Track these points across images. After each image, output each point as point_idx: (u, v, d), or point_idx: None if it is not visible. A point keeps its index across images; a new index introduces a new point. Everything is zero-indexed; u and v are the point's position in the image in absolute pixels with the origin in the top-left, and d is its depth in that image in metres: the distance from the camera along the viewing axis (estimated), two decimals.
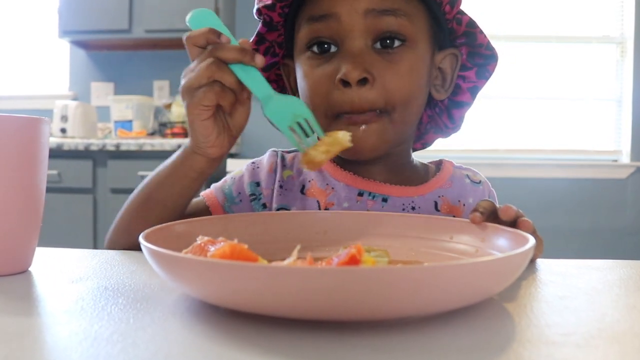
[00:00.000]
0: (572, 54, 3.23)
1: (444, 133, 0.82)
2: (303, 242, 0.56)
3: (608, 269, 0.58)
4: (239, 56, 0.59)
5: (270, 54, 0.77)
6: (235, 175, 0.80)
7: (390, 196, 0.73)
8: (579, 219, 3.12)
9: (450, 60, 0.74)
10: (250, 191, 0.77)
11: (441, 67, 0.74)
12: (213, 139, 0.64)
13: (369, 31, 0.66)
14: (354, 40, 0.66)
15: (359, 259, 0.40)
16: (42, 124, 0.54)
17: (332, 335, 0.35)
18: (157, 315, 0.40)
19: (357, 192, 0.74)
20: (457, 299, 0.37)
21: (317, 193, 0.75)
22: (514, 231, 0.50)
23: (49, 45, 3.44)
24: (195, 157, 0.66)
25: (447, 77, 0.75)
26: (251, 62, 0.59)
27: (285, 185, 0.76)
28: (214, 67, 0.59)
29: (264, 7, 0.71)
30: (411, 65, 0.68)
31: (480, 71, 0.76)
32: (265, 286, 0.34)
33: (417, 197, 0.74)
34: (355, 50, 0.66)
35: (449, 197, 0.75)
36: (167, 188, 0.68)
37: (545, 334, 0.36)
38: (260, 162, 0.80)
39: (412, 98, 0.69)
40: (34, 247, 0.56)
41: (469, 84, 0.76)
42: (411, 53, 0.68)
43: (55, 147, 2.58)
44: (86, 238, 2.62)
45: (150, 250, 0.40)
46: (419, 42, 0.69)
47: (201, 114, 0.62)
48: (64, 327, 0.37)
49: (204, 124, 0.62)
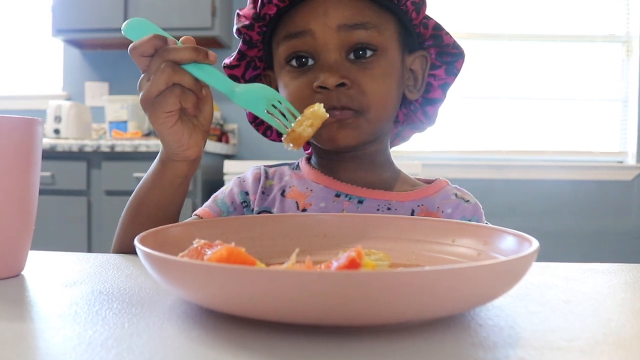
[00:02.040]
0: (576, 53, 3.24)
1: (420, 128, 0.88)
2: (302, 245, 0.56)
3: (613, 272, 0.58)
4: (193, 55, 0.60)
5: (251, 67, 0.83)
6: (224, 190, 0.85)
7: (366, 198, 0.77)
8: (583, 221, 3.12)
9: (420, 62, 0.80)
10: (241, 199, 0.82)
11: (412, 68, 0.80)
12: (186, 141, 0.66)
13: (342, 44, 0.72)
14: (329, 53, 0.72)
15: (359, 263, 0.40)
16: (35, 125, 0.54)
17: (331, 341, 0.35)
18: (153, 320, 0.40)
19: (335, 194, 0.78)
20: (459, 304, 0.37)
21: (296, 195, 0.80)
22: (517, 233, 0.50)
23: (42, 44, 3.44)
24: (175, 164, 0.68)
25: (418, 77, 0.81)
26: (205, 59, 0.61)
27: (266, 191, 0.82)
28: (170, 71, 0.60)
29: (243, 27, 0.77)
30: (384, 71, 0.73)
31: (449, 68, 0.81)
32: (263, 290, 0.34)
33: (395, 202, 0.77)
34: (331, 62, 0.72)
35: (428, 205, 0.78)
36: (155, 201, 0.71)
37: (549, 339, 0.36)
38: (245, 176, 0.85)
39: (386, 99, 0.75)
40: (26, 251, 0.56)
41: (439, 81, 0.82)
42: (383, 60, 0.73)
43: (48, 149, 2.58)
44: (80, 241, 2.61)
45: (145, 254, 0.40)
46: (390, 49, 0.74)
47: (167, 121, 0.63)
48: (57, 332, 0.37)
49: (173, 130, 0.64)
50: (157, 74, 0.60)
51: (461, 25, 3.20)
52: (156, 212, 0.71)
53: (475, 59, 3.18)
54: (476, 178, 3.05)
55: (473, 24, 3.22)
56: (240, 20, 0.77)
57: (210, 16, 2.85)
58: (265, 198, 0.81)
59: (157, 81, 0.60)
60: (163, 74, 0.60)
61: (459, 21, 3.19)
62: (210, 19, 2.85)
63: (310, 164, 0.84)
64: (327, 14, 0.72)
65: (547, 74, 3.23)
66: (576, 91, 3.23)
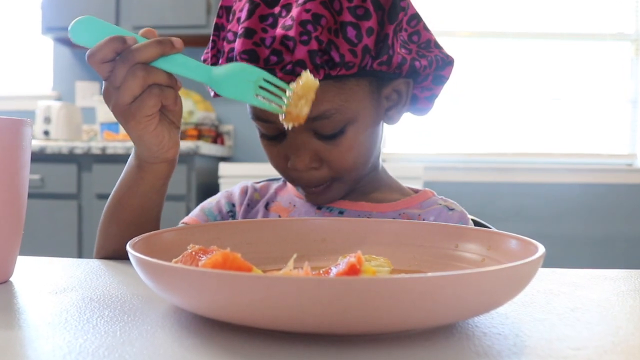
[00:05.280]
0: (584, 52, 3.24)
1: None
2: (300, 250, 0.56)
3: (622, 279, 0.58)
4: (159, 50, 0.58)
5: None
6: (211, 201, 0.87)
7: (346, 209, 0.79)
8: (591, 226, 3.12)
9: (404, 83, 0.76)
10: (227, 209, 0.86)
11: (395, 89, 0.76)
12: (167, 142, 0.65)
13: (308, 129, 0.71)
14: (296, 135, 0.72)
15: (359, 269, 0.40)
16: (24, 126, 0.54)
17: (330, 350, 0.35)
18: (146, 328, 0.40)
19: (317, 207, 0.80)
20: (463, 311, 0.37)
21: (279, 210, 0.83)
22: (523, 238, 0.50)
23: (32, 43, 3.44)
24: (156, 167, 0.68)
25: (402, 94, 0.77)
26: (172, 49, 0.59)
27: (252, 204, 0.85)
28: (143, 73, 0.58)
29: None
30: (354, 139, 0.73)
31: (437, 78, 0.77)
32: (259, 297, 0.34)
33: (376, 213, 0.78)
34: (299, 142, 0.72)
35: (409, 214, 0.79)
36: (136, 206, 0.71)
37: (556, 348, 0.36)
38: (232, 190, 0.88)
39: (362, 160, 0.76)
40: (15, 256, 0.56)
41: (426, 93, 0.79)
42: (353, 129, 0.72)
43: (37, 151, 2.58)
44: (70, 246, 2.61)
45: (138, 260, 0.40)
46: (361, 113, 0.73)
47: (149, 124, 0.62)
48: (47, 341, 0.37)
49: (155, 133, 0.63)
50: (129, 80, 0.57)
51: (463, 24, 3.20)
52: (138, 217, 0.71)
53: (479, 58, 3.18)
54: (481, 181, 3.05)
55: (476, 21, 3.22)
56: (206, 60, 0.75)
57: (205, 13, 2.86)
58: (249, 210, 0.84)
59: (131, 87, 0.58)
60: (136, 78, 0.57)
61: (461, 19, 3.20)
62: (205, 17, 2.86)
63: None
64: None
65: (553, 73, 3.23)
66: (583, 91, 3.23)
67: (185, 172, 2.51)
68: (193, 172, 2.52)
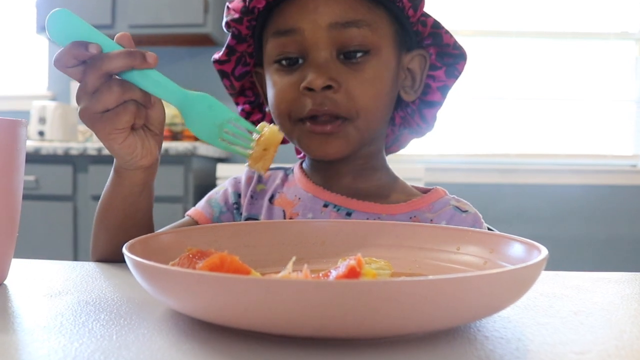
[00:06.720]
0: (588, 51, 3.24)
1: (418, 133, 0.88)
2: (299, 253, 0.56)
3: (626, 282, 0.58)
4: (127, 62, 0.56)
5: (242, 63, 0.84)
6: (219, 190, 0.87)
7: (354, 210, 0.78)
8: (595, 228, 3.12)
9: (418, 61, 0.80)
10: (233, 200, 0.85)
11: (410, 67, 0.80)
12: (139, 152, 0.63)
13: (332, 43, 0.72)
14: (319, 52, 0.72)
15: (359, 272, 0.40)
16: (19, 126, 0.54)
17: (329, 354, 0.35)
18: (142, 332, 0.40)
19: (323, 204, 0.79)
20: (464, 315, 0.37)
21: (284, 203, 0.81)
22: (526, 241, 0.50)
23: (26, 42, 3.44)
24: (130, 174, 0.67)
25: (416, 78, 0.81)
26: (143, 64, 0.57)
27: (255, 196, 0.84)
28: (119, 90, 0.57)
29: (232, 21, 0.78)
30: (375, 73, 0.74)
31: (450, 70, 0.81)
32: (258, 301, 0.34)
33: (385, 215, 0.77)
34: (320, 61, 0.72)
35: (420, 217, 0.78)
36: (120, 209, 0.70)
37: (559, 352, 0.36)
38: (240, 177, 0.87)
39: (376, 104, 0.75)
40: (9, 259, 0.56)
41: (438, 83, 0.82)
42: (375, 61, 0.74)
43: (32, 152, 2.58)
44: (66, 249, 2.61)
45: (134, 262, 0.40)
46: (383, 49, 0.75)
47: (117, 137, 0.60)
48: (42, 345, 0.37)
49: (124, 145, 0.61)
50: (104, 92, 0.56)
51: (466, 22, 3.20)
52: (124, 220, 0.70)
53: (481, 58, 3.19)
54: (483, 182, 3.05)
55: (479, 20, 3.23)
56: (230, 14, 0.78)
57: (203, 12, 2.85)
58: (253, 203, 0.83)
59: (105, 100, 0.57)
60: (112, 93, 0.56)
61: (463, 18, 3.20)
62: (202, 16, 2.86)
63: (302, 169, 0.85)
64: (317, 11, 0.72)
65: (556, 73, 3.23)
66: (587, 91, 3.23)
67: (182, 173, 2.51)
68: (190, 173, 2.52)
